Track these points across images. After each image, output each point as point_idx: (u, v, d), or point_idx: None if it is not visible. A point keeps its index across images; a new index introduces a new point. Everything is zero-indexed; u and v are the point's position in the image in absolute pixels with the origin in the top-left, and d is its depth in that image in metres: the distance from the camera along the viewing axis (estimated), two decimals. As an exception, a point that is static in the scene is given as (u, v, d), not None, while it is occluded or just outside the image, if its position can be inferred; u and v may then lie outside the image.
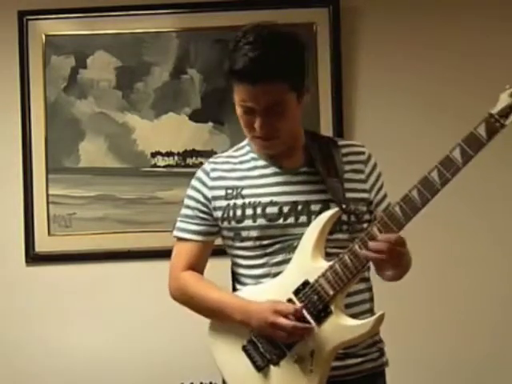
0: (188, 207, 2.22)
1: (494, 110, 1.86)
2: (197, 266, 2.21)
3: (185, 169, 3.46)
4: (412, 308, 3.33)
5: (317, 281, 2.02)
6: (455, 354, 3.39)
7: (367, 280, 2.19)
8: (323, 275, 2.02)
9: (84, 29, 3.49)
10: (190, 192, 2.22)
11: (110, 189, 3.48)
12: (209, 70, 3.48)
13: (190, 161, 3.47)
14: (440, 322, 3.40)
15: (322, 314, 2.01)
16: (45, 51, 3.47)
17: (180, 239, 2.23)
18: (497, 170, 3.38)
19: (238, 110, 2.09)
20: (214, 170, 2.19)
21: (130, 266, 3.45)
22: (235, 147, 2.25)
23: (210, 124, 3.48)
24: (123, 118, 3.49)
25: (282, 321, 1.99)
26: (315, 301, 2.02)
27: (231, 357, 2.12)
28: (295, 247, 2.08)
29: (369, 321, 2.00)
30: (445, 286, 3.40)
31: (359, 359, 2.12)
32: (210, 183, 2.18)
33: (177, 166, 3.47)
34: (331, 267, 2.02)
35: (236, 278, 2.22)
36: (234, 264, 2.22)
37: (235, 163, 2.19)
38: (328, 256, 2.06)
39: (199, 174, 2.22)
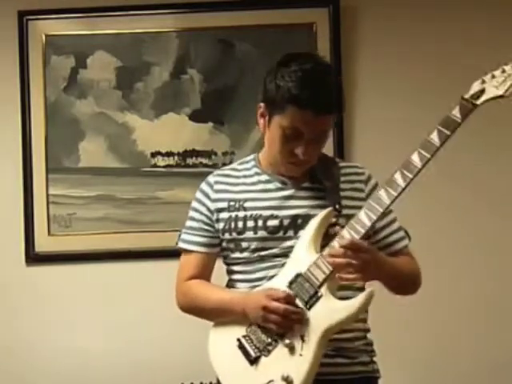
0: (193, 219, 2.26)
1: (467, 95, 2.02)
2: (202, 277, 2.24)
3: (185, 169, 3.47)
4: (410, 317, 3.33)
5: (308, 269, 2.06)
6: (455, 364, 3.40)
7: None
8: (314, 263, 2.06)
9: (84, 29, 3.49)
10: (195, 204, 2.26)
11: (110, 189, 3.48)
12: (209, 70, 3.48)
13: (190, 161, 3.47)
14: (441, 332, 3.41)
15: (312, 299, 2.04)
16: (45, 51, 3.47)
17: (185, 251, 2.27)
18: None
19: (279, 134, 2.10)
20: (217, 182, 2.24)
21: (130, 266, 3.45)
22: (240, 161, 2.30)
23: (210, 124, 3.48)
24: (123, 118, 3.49)
25: (274, 304, 2.02)
26: (307, 288, 2.05)
27: (226, 357, 2.14)
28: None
29: (356, 299, 2.02)
30: (447, 293, 3.41)
31: (348, 360, 2.13)
32: (214, 195, 2.22)
33: (177, 165, 3.47)
34: (321, 254, 2.06)
35: (231, 286, 2.24)
36: (230, 272, 2.24)
37: (238, 177, 2.24)
38: None
39: (203, 186, 2.26)
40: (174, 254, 2.31)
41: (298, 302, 2.04)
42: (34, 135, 3.46)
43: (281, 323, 2.03)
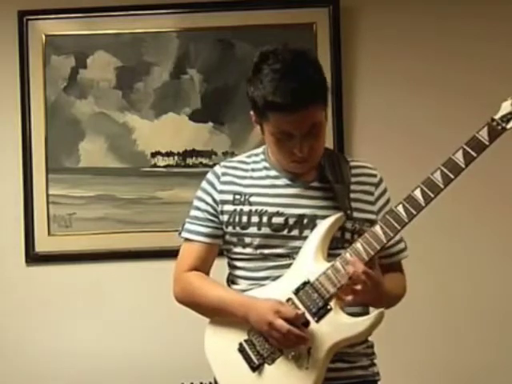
0: (198, 209, 2.23)
1: (497, 116, 1.99)
2: (202, 268, 2.21)
3: (185, 169, 3.47)
4: (409, 318, 3.31)
5: (317, 279, 2.05)
6: (452, 365, 3.39)
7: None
8: (324, 273, 2.05)
9: (84, 29, 3.49)
10: (200, 194, 2.24)
11: (109, 189, 3.48)
12: (209, 70, 3.48)
13: (190, 161, 3.47)
14: (438, 333, 3.40)
15: (321, 311, 2.03)
16: (45, 51, 3.47)
17: (187, 240, 2.24)
18: (496, 174, 3.38)
19: (272, 139, 2.10)
20: (224, 174, 2.21)
21: (130, 266, 3.44)
22: (249, 153, 2.27)
23: (210, 124, 3.48)
24: (123, 118, 3.49)
25: (279, 322, 1.99)
26: (315, 298, 2.04)
27: (226, 357, 2.12)
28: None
29: (367, 318, 2.02)
30: (445, 293, 3.41)
31: (348, 364, 2.12)
32: (220, 187, 2.19)
33: (177, 166, 3.47)
34: (332, 265, 2.05)
35: (232, 280, 2.23)
36: (232, 267, 2.23)
37: (247, 170, 2.21)
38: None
39: (210, 176, 2.23)
40: (174, 253, 2.31)
41: (306, 313, 2.02)
42: (34, 135, 3.46)
43: (282, 343, 2.01)
